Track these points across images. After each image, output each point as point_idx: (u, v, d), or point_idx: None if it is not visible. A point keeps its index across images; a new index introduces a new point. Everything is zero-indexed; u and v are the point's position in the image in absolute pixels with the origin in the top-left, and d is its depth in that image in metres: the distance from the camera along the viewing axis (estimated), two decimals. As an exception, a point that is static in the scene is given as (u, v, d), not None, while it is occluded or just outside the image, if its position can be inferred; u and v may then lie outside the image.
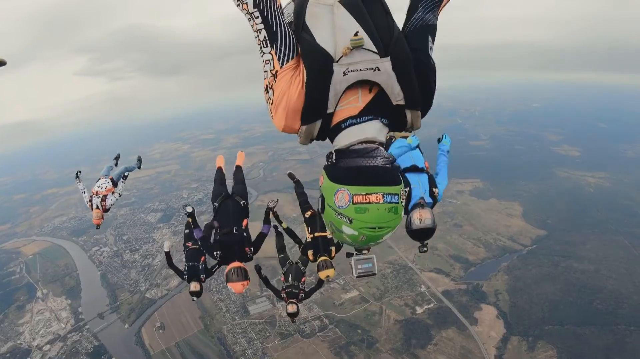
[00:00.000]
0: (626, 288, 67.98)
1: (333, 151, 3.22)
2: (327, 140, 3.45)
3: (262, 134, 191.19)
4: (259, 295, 70.99)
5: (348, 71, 2.99)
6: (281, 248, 12.82)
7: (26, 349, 65.41)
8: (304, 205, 11.83)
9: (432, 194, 7.75)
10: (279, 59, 3.16)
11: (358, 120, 3.11)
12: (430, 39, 3.31)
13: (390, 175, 2.96)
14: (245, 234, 9.53)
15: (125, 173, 14.67)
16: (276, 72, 3.19)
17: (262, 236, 10.01)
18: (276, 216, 11.84)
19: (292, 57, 3.18)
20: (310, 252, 10.54)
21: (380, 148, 3.08)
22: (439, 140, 9.16)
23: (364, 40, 2.97)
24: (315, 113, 3.16)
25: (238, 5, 3.21)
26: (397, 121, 3.29)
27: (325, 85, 3.02)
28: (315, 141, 3.58)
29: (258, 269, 12.34)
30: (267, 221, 10.55)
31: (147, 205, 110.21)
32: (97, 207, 13.62)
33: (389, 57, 3.02)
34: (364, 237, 2.91)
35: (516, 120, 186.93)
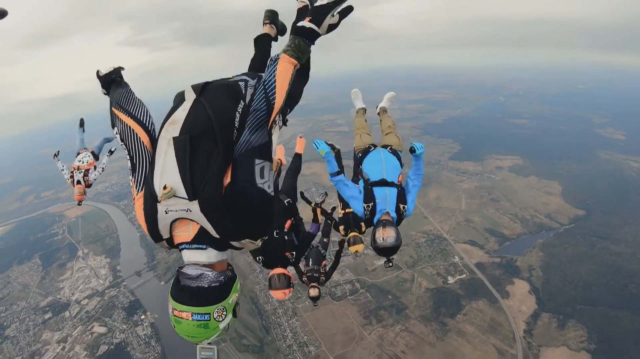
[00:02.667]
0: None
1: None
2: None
3: (301, 106, 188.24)
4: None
5: (169, 210, 3.28)
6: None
7: (65, 303, 68.06)
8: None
9: (398, 210, 7.31)
10: (136, 187, 3.55)
11: (190, 246, 3.39)
12: (258, 162, 3.44)
13: (207, 296, 3.22)
14: (287, 237, 8.76)
15: (107, 145, 14.06)
16: (134, 198, 3.57)
17: (309, 238, 9.40)
18: (303, 198, 11.11)
19: (142, 188, 3.51)
20: (341, 227, 10.35)
21: (206, 273, 3.30)
22: (411, 151, 7.65)
23: (173, 191, 3.24)
24: (154, 238, 3.51)
25: (116, 136, 3.89)
26: (225, 246, 3.55)
27: (152, 219, 3.36)
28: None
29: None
30: (315, 219, 9.94)
31: None
32: (79, 182, 13.12)
33: (197, 201, 3.23)
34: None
35: (560, 101, 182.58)
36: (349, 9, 4.05)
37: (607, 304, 60.31)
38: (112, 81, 4.54)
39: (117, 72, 4.64)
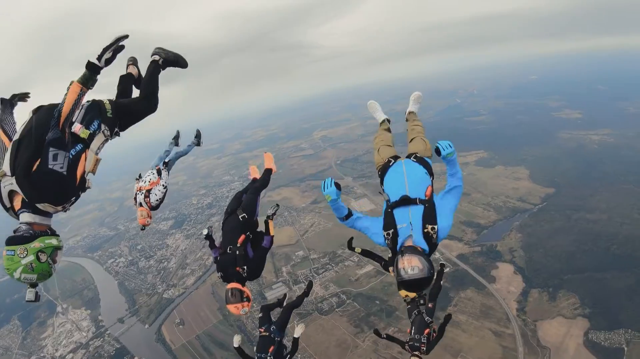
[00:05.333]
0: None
1: None
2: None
3: (265, 137, 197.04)
4: (275, 281, 72.16)
5: (4, 187, 4.66)
6: (413, 301, 11.68)
7: (50, 360, 66.05)
8: None
9: (425, 233, 5.89)
10: None
11: (20, 211, 4.74)
12: (52, 149, 4.71)
13: (15, 239, 4.61)
14: (238, 252, 8.29)
15: (166, 160, 12.88)
16: None
17: (262, 252, 8.79)
18: (349, 245, 10.33)
19: None
20: (391, 269, 9.58)
21: (22, 226, 4.71)
22: (437, 153, 6.38)
23: (4, 171, 4.64)
24: (4, 207, 4.86)
25: None
26: (37, 209, 4.75)
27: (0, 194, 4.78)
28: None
29: (377, 332, 12.33)
30: (267, 232, 9.09)
31: (158, 215, 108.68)
32: (141, 205, 11.71)
33: (14, 177, 4.58)
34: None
35: (515, 94, 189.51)
36: (120, 48, 5.24)
37: (593, 269, 61.62)
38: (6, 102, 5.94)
39: (22, 96, 6.19)
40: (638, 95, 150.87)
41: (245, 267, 8.09)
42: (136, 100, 6.50)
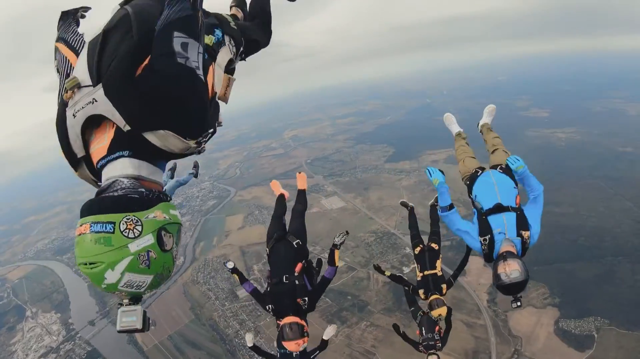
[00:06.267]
0: (608, 223, 69.66)
1: None
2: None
3: (236, 136, 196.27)
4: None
5: (76, 112, 2.78)
6: (412, 301, 11.59)
7: (20, 366, 65.15)
8: (415, 239, 10.96)
9: (520, 237, 6.47)
10: None
11: (105, 160, 2.73)
12: (177, 34, 2.72)
13: (114, 202, 2.50)
14: (297, 281, 7.79)
15: (172, 190, 11.10)
16: None
17: (324, 282, 8.04)
18: (379, 270, 10.94)
19: None
20: (421, 291, 9.68)
21: (120, 179, 2.65)
22: (508, 168, 7.10)
23: (77, 79, 2.76)
24: (69, 160, 3.01)
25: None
26: (146, 149, 2.76)
27: (64, 132, 2.89)
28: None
29: (396, 327, 11.39)
30: (331, 262, 8.02)
31: None
32: None
33: (100, 84, 2.69)
34: (87, 278, 2.43)
35: (484, 94, 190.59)
36: None
37: (562, 260, 62.77)
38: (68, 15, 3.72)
39: (83, 9, 3.90)
40: (603, 95, 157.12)
41: (306, 298, 7.60)
42: (256, 24, 4.95)
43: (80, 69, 2.85)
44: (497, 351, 53.30)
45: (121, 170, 2.67)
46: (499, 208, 6.63)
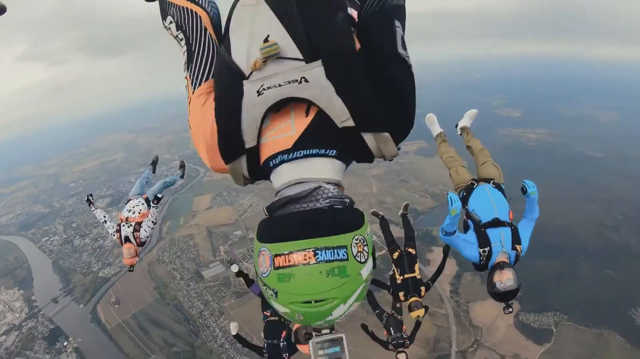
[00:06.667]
0: (572, 223, 71.05)
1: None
2: None
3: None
4: (212, 259, 71.97)
5: (263, 89, 2.12)
6: (375, 305, 12.20)
7: (-20, 344, 64.34)
8: (391, 245, 10.92)
9: (515, 251, 6.99)
10: (192, 83, 2.50)
11: (291, 156, 2.14)
12: (399, 24, 2.34)
13: (336, 220, 1.96)
14: None
15: (158, 195, 10.30)
16: (189, 100, 2.50)
17: None
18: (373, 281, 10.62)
19: (206, 79, 2.50)
20: (401, 294, 9.91)
21: (324, 185, 2.08)
22: (523, 191, 7.22)
23: (278, 46, 2.06)
24: (231, 149, 2.31)
25: (167, 29, 2.77)
26: (354, 151, 2.27)
27: (234, 111, 2.19)
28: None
29: (364, 327, 11.79)
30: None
31: (95, 192, 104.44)
32: (128, 240, 10.00)
33: (319, 60, 2.06)
34: (301, 316, 1.88)
35: (459, 90, 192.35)
36: None
37: (525, 256, 62.38)
38: None
39: None
40: (576, 101, 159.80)
41: None
42: None
43: (274, 33, 2.13)
44: (457, 341, 54.37)
45: (322, 172, 2.14)
46: (497, 223, 7.11)
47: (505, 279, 6.41)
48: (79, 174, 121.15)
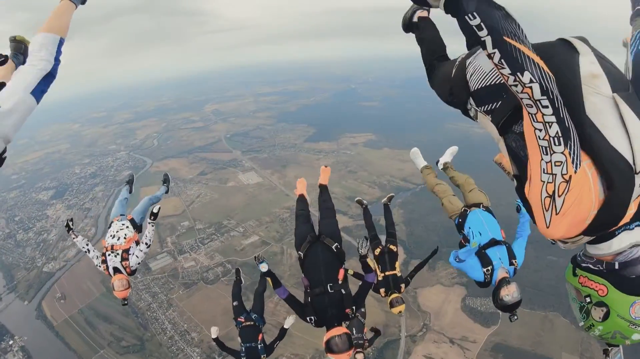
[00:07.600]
0: (515, 212, 72.72)
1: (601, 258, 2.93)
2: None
3: (156, 107, 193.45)
4: (159, 251, 71.41)
5: None
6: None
7: None
8: (374, 240, 11.07)
9: (511, 265, 7.46)
10: (572, 162, 2.42)
11: (630, 226, 2.71)
12: None
13: None
14: (344, 291, 7.38)
15: (154, 210, 9.36)
16: (570, 177, 2.44)
17: (366, 287, 7.79)
18: (355, 275, 9.75)
19: (581, 158, 2.46)
20: (382, 290, 10.04)
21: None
22: (517, 210, 8.57)
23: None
24: (606, 226, 2.58)
25: (519, 88, 2.36)
26: None
27: (627, 199, 2.44)
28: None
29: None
30: (367, 269, 7.68)
31: (38, 185, 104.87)
32: (118, 271, 9.02)
33: None
34: None
35: (409, 85, 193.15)
36: None
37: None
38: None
39: None
40: None
41: (354, 307, 7.27)
42: None
43: None
44: (406, 326, 55.68)
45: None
46: (494, 243, 7.62)
47: (512, 292, 6.82)
48: (22, 166, 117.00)
